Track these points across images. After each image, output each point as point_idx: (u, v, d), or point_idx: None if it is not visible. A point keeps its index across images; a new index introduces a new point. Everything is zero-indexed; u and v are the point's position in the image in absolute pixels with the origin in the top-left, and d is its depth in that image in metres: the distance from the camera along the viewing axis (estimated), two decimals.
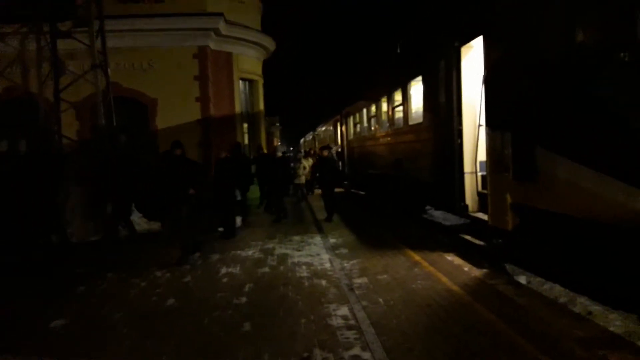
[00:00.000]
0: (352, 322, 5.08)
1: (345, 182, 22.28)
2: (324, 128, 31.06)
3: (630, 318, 5.04)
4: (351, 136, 19.67)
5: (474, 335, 4.55)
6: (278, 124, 54.07)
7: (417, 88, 10.51)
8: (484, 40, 6.96)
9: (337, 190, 20.83)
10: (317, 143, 35.60)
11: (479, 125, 7.79)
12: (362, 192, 19.65)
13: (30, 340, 5.01)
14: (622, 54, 4.67)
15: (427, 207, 13.51)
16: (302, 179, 16.91)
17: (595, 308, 5.23)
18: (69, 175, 12.28)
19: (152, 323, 5.32)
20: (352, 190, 21.20)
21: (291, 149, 67.34)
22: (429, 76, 9.33)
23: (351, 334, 4.75)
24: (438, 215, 13.44)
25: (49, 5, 12.58)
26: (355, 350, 4.37)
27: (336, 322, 5.10)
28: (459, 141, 7.93)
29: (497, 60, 6.65)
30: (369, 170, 16.33)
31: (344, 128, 21.40)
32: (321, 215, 13.18)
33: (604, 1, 4.81)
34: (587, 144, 5.00)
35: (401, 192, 13.03)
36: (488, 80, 6.96)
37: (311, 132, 42.81)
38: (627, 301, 5.16)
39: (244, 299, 6.03)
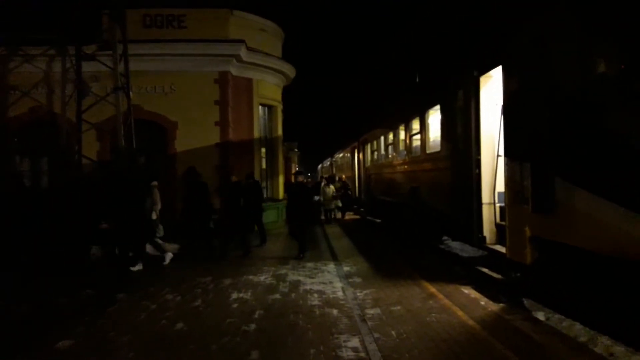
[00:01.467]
0: (363, 354, 4.94)
1: (362, 209, 22.16)
2: (341, 155, 31.11)
3: None
4: (368, 163, 19.62)
5: None
6: (296, 150, 54.32)
7: (435, 117, 10.46)
8: (503, 70, 6.90)
9: (351, 217, 20.88)
10: (334, 169, 35.63)
11: (498, 156, 7.67)
12: (378, 220, 19.48)
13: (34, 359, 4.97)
14: None
15: (444, 238, 13.27)
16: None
17: (618, 349, 4.99)
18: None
19: (158, 348, 5.24)
20: (368, 218, 21.04)
21: (309, 174, 67.53)
22: (447, 105, 9.28)
23: None
24: (455, 246, 13.17)
25: (75, 29, 12.94)
26: None
27: (346, 354, 4.96)
28: (477, 171, 7.80)
29: (516, 90, 6.57)
30: (385, 197, 16.21)
31: (361, 155, 21.38)
32: (337, 242, 13.07)
33: (621, 34, 4.72)
34: (606, 176, 4.85)
35: (417, 221, 12.85)
36: (507, 111, 6.87)
37: (329, 159, 42.91)
38: None
39: (253, 326, 5.92)
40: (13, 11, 13.45)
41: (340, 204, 20.42)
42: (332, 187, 19.84)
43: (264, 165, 17.82)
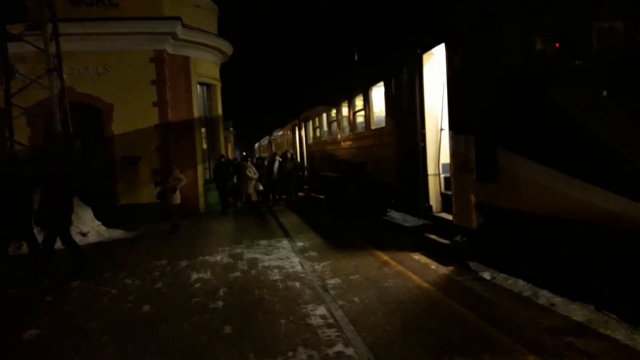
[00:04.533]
0: (331, 320, 5.23)
1: (305, 187, 22.44)
2: (281, 132, 31.12)
3: (587, 308, 5.40)
4: (310, 140, 19.84)
5: (449, 328, 4.79)
6: (232, 129, 53.62)
7: (378, 93, 10.80)
8: (446, 47, 7.29)
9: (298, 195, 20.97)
10: (274, 147, 35.60)
11: (441, 129, 8.13)
12: (322, 196, 19.85)
13: (5, 352, 4.88)
14: (576, 62, 5.05)
15: (388, 210, 13.83)
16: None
17: (557, 300, 5.57)
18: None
19: (130, 330, 5.28)
20: (312, 195, 21.37)
21: (243, 154, 66.80)
22: (391, 82, 9.63)
23: (332, 332, 4.89)
24: (397, 217, 13.76)
25: None
26: (339, 347, 4.51)
27: (315, 321, 5.23)
28: (423, 144, 8.24)
29: (459, 67, 6.98)
30: (329, 173, 16.55)
31: (302, 132, 21.55)
32: (285, 219, 13.32)
33: (560, 11, 5.17)
34: (544, 145, 5.36)
35: (363, 195, 13.30)
36: (450, 86, 7.28)
37: (267, 137, 42.75)
38: (584, 292, 5.53)
39: (220, 303, 6.06)
40: None
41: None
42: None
43: (204, 146, 17.62)
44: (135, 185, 15.00)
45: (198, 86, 17.04)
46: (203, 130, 17.46)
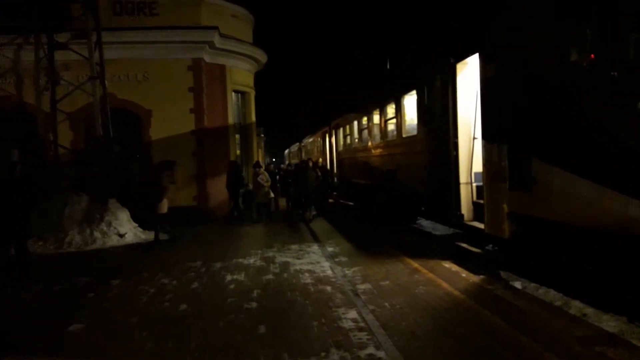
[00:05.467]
0: (362, 324, 5.34)
1: (335, 193, 22.59)
2: (311, 139, 31.39)
3: (621, 319, 5.37)
4: (340, 147, 20.01)
5: (480, 335, 4.84)
6: (262, 135, 54.24)
7: (410, 102, 10.89)
8: (480, 57, 7.35)
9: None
10: (303, 154, 35.91)
11: (474, 138, 8.16)
12: (351, 203, 19.96)
13: (52, 344, 5.16)
14: (612, 73, 5.06)
15: (417, 218, 13.84)
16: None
17: (589, 310, 5.55)
18: (63, 185, 12.41)
19: (168, 327, 5.50)
20: (341, 201, 21.49)
21: (273, 160, 67.43)
22: (424, 91, 9.71)
23: (363, 335, 5.00)
24: (427, 225, 13.77)
25: (47, 17, 12.73)
26: (370, 350, 4.62)
27: (347, 324, 5.35)
28: (455, 153, 8.28)
29: (493, 76, 7.03)
30: (359, 180, 16.66)
31: (332, 139, 21.74)
32: (315, 225, 13.47)
33: (595, 22, 5.20)
34: (579, 155, 5.37)
35: (393, 202, 13.37)
36: (484, 95, 7.33)
37: (297, 144, 43.12)
38: (617, 304, 5.50)
39: (254, 304, 6.25)
40: None
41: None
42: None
43: (238, 152, 17.99)
44: (171, 189, 15.40)
45: (233, 94, 17.44)
46: (237, 136, 17.83)
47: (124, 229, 12.02)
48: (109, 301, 6.70)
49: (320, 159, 16.99)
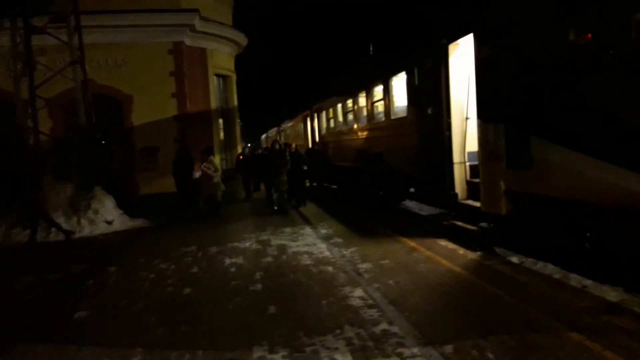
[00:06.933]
0: (371, 302, 5.41)
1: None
2: (291, 123, 31.19)
3: (618, 290, 5.57)
4: (323, 131, 19.96)
5: (488, 309, 4.97)
6: (239, 120, 53.63)
7: (399, 83, 10.91)
8: (475, 37, 7.41)
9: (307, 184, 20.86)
10: (282, 138, 35.72)
11: (467, 118, 8.27)
12: (334, 186, 20.01)
13: (59, 331, 5.09)
14: (611, 52, 5.18)
15: (402, 200, 13.99)
16: None
17: (588, 282, 5.73)
18: (47, 172, 12.12)
19: (176, 311, 5.49)
20: (325, 185, 21.52)
21: (249, 145, 66.74)
22: (415, 72, 9.73)
23: (373, 312, 5.08)
24: (412, 206, 13.98)
25: (23, 1, 12.28)
26: (383, 326, 4.69)
27: (355, 302, 5.42)
28: (448, 133, 8.38)
29: (489, 56, 7.10)
30: (344, 163, 16.69)
31: (315, 123, 21.65)
32: (304, 208, 13.51)
33: (597, 3, 5.30)
34: (579, 132, 5.50)
35: (379, 185, 13.47)
36: (480, 76, 7.41)
37: (275, 128, 42.82)
38: (614, 275, 5.70)
39: (259, 286, 6.27)
40: None
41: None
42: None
43: (222, 137, 17.83)
44: (153, 175, 15.22)
45: (215, 77, 17.23)
46: (220, 121, 17.66)
47: (111, 216, 11.85)
48: (109, 288, 6.63)
49: (294, 144, 16.48)
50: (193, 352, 4.30)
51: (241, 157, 16.77)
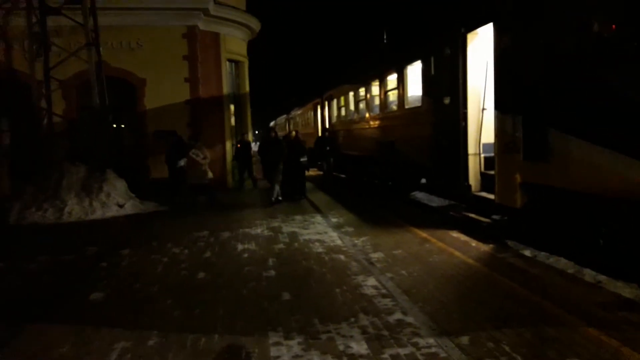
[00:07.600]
0: (384, 291, 5.42)
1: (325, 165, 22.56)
2: (300, 111, 31.11)
3: (632, 286, 5.54)
4: (334, 119, 19.90)
5: (502, 301, 4.96)
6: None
7: (414, 72, 10.83)
8: (495, 27, 7.32)
9: (316, 172, 20.80)
10: (291, 126, 35.68)
11: (483, 109, 8.20)
12: (343, 175, 19.98)
13: (75, 313, 5.14)
14: (635, 44, 5.10)
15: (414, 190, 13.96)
16: None
17: (603, 277, 5.72)
18: (59, 155, 12.20)
19: (191, 295, 5.52)
20: (334, 173, 21.50)
21: (256, 132, 66.60)
22: (430, 61, 9.65)
23: (387, 301, 5.09)
24: (422, 197, 13.95)
25: None
26: (398, 315, 4.70)
27: (369, 291, 5.43)
28: (464, 124, 8.32)
29: (508, 46, 7.02)
30: (354, 152, 16.65)
31: (325, 111, 21.59)
32: (314, 196, 13.51)
33: None
34: (599, 125, 5.44)
35: (391, 174, 13.44)
36: (498, 66, 7.33)
37: (284, 115, 42.75)
38: (629, 272, 5.66)
39: (272, 272, 6.30)
40: None
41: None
42: None
43: (233, 122, 17.81)
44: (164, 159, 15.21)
45: (227, 63, 17.15)
46: (232, 106, 17.61)
47: (123, 199, 11.90)
48: (124, 270, 6.68)
49: (294, 132, 16.35)
50: (209, 336, 4.33)
51: (238, 145, 16.71)
